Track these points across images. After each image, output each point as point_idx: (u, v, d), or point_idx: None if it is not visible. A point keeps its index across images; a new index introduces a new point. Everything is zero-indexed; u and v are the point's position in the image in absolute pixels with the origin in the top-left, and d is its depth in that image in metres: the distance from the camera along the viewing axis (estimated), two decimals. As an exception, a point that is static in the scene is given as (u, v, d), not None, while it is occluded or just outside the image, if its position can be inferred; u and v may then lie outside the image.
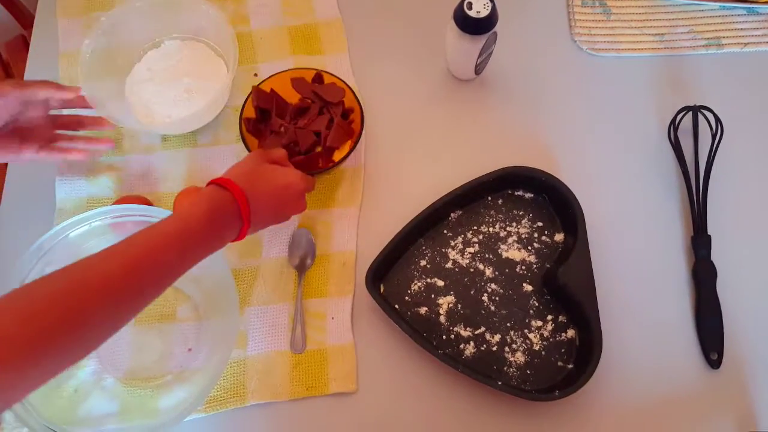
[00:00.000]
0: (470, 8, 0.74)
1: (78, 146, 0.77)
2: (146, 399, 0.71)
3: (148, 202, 0.77)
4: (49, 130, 0.75)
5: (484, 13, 0.73)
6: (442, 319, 0.74)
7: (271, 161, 0.69)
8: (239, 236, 0.63)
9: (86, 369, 0.72)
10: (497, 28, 0.76)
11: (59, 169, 0.81)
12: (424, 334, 0.73)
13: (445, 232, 0.78)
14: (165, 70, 0.84)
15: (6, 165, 0.85)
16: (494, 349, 0.72)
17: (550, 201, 0.78)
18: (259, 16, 0.90)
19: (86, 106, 0.75)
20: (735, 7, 0.89)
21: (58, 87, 0.72)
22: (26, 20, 1.25)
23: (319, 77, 0.81)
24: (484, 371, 0.71)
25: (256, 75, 0.87)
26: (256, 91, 0.78)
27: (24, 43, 1.21)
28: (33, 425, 0.64)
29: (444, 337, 0.73)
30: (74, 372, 0.71)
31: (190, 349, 0.74)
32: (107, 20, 0.81)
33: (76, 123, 0.77)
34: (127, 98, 0.83)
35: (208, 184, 0.63)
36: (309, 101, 0.80)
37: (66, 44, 0.90)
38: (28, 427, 0.64)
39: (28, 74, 0.90)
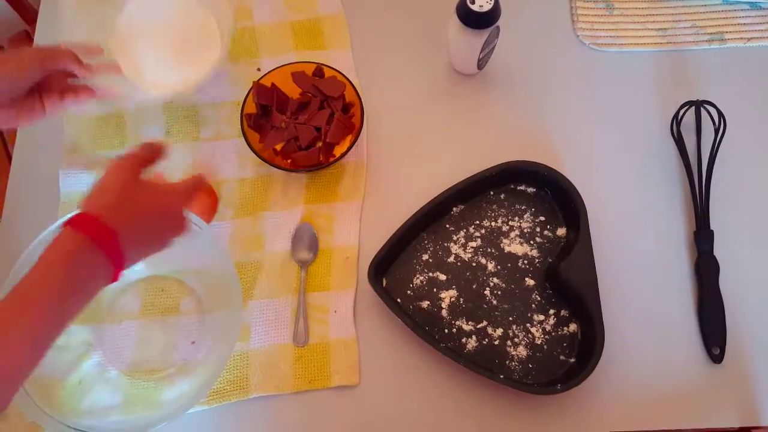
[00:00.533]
0: (473, 2, 0.74)
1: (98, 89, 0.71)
2: (149, 391, 0.72)
3: None
4: (63, 81, 0.70)
5: (487, 7, 0.73)
6: (444, 313, 0.74)
7: (141, 168, 0.58)
8: (113, 279, 0.53)
9: (90, 361, 0.72)
10: (500, 22, 0.76)
11: (63, 162, 0.82)
12: (426, 328, 0.73)
13: (447, 226, 0.78)
14: (153, 29, 0.79)
15: (11, 157, 0.86)
16: (496, 343, 0.73)
17: (553, 195, 0.78)
18: (262, 11, 0.91)
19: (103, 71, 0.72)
20: (738, 2, 0.89)
21: (79, 62, 0.68)
22: (29, 15, 1.25)
23: (319, 71, 0.81)
24: (486, 365, 0.71)
25: (258, 69, 0.87)
26: (257, 86, 0.79)
27: (27, 39, 1.22)
28: (37, 416, 0.64)
29: (446, 330, 0.73)
30: (78, 364, 0.72)
31: (193, 342, 0.74)
32: None
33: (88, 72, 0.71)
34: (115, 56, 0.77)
35: (67, 224, 0.51)
36: (310, 95, 0.81)
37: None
38: (32, 417, 0.64)
39: (32, 69, 0.90)
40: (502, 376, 0.69)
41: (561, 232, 0.77)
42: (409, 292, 0.75)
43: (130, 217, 0.54)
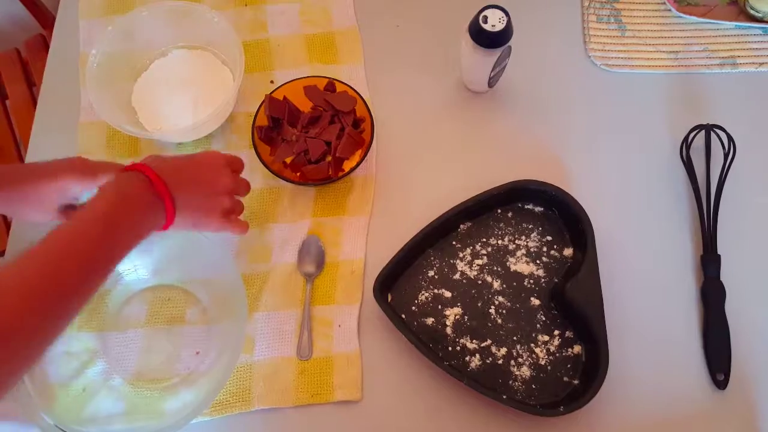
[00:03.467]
0: (485, 22, 0.74)
1: None
2: (153, 400, 0.72)
3: None
4: None
5: (499, 27, 0.74)
6: (449, 330, 0.74)
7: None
8: (166, 221, 0.61)
9: (95, 368, 0.73)
10: (512, 41, 0.76)
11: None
12: (430, 345, 0.73)
13: (454, 243, 0.78)
14: (172, 80, 0.85)
15: (23, 161, 0.86)
16: (500, 362, 0.73)
17: (560, 215, 0.78)
18: (277, 24, 0.91)
19: None
20: (750, 27, 0.89)
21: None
22: (46, 20, 1.26)
23: (331, 85, 0.82)
24: (490, 384, 0.71)
25: (272, 82, 0.87)
26: (269, 99, 0.79)
27: (43, 43, 1.23)
28: (41, 422, 0.64)
29: (450, 348, 0.73)
30: (83, 371, 0.72)
31: (198, 353, 0.74)
32: (114, 29, 0.82)
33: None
34: (134, 106, 0.85)
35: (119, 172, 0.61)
36: (321, 110, 0.81)
37: (87, 44, 0.91)
38: (35, 423, 0.65)
39: (48, 73, 0.91)
40: (505, 396, 0.68)
41: (568, 252, 0.77)
42: (414, 308, 0.75)
43: (178, 177, 0.61)
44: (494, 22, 0.74)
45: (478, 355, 0.73)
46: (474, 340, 0.73)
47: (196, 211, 0.64)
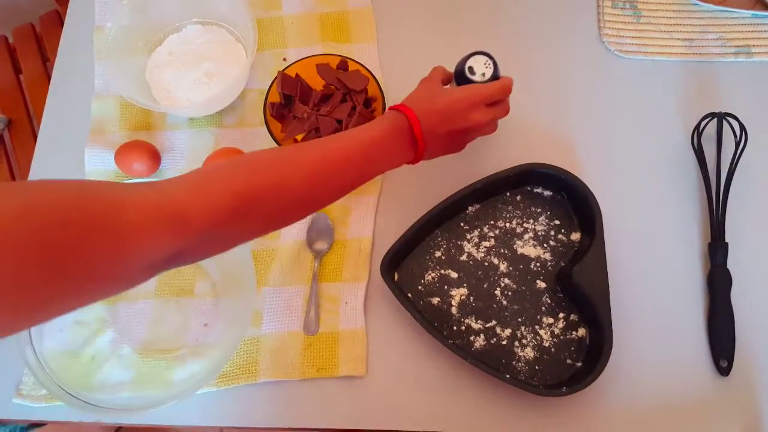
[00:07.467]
0: (473, 73, 0.69)
1: None
2: (161, 370, 0.73)
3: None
4: None
5: (488, 74, 0.69)
6: (454, 310, 0.75)
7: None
8: (416, 156, 0.66)
9: (104, 337, 0.74)
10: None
11: (89, 141, 0.83)
12: (435, 324, 0.73)
13: (461, 224, 0.78)
14: (185, 55, 0.86)
15: (36, 135, 0.87)
16: (504, 343, 0.73)
17: (569, 200, 0.78)
18: (291, 2, 0.91)
19: None
20: (767, 16, 0.88)
21: None
22: (61, -5, 1.27)
23: (343, 64, 0.82)
24: (493, 364, 0.72)
25: (284, 60, 0.88)
26: (282, 76, 0.79)
27: (58, 18, 1.23)
28: (51, 388, 0.66)
29: (455, 328, 0.74)
30: (93, 339, 0.73)
31: (206, 325, 0.75)
32: (129, 2, 0.83)
33: None
34: (148, 80, 0.85)
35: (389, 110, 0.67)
36: (333, 88, 0.81)
37: (102, 18, 0.91)
38: (46, 389, 0.66)
39: (62, 46, 0.92)
40: (508, 376, 0.69)
41: (575, 236, 0.77)
42: (420, 287, 0.76)
43: (425, 104, 0.66)
44: (482, 70, 0.69)
45: (482, 336, 0.73)
46: (479, 321, 0.74)
47: (441, 150, 0.70)
